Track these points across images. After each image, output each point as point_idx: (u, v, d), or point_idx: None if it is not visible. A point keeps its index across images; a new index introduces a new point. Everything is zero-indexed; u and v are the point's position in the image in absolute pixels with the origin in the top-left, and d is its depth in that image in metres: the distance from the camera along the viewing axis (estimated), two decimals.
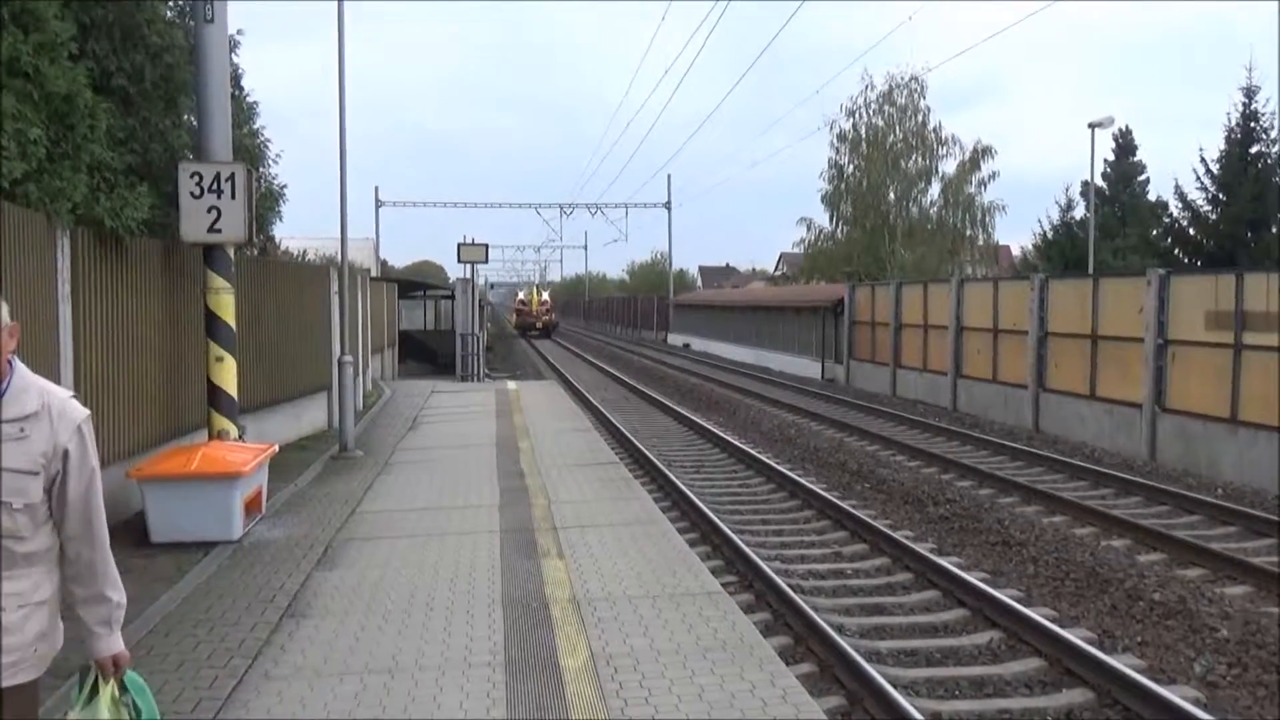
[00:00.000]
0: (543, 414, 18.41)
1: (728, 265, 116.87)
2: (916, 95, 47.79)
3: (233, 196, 10.03)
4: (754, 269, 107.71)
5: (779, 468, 15.93)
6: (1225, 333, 16.77)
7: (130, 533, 9.46)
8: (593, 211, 63.38)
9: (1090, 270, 29.22)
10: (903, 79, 47.74)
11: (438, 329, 45.40)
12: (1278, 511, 13.15)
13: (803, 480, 14.91)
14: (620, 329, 78.74)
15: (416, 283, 45.50)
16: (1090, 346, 20.37)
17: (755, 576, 9.68)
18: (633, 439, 18.33)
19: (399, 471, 12.78)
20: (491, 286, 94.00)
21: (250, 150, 12.77)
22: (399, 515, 10.10)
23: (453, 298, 35.79)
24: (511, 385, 24.88)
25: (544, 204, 64.22)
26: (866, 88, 48.71)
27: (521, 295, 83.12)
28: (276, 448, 10.61)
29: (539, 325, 73.54)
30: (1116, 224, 45.15)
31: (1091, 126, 28.12)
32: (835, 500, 13.47)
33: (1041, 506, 13.70)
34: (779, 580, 9.31)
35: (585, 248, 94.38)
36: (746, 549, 10.54)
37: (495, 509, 10.25)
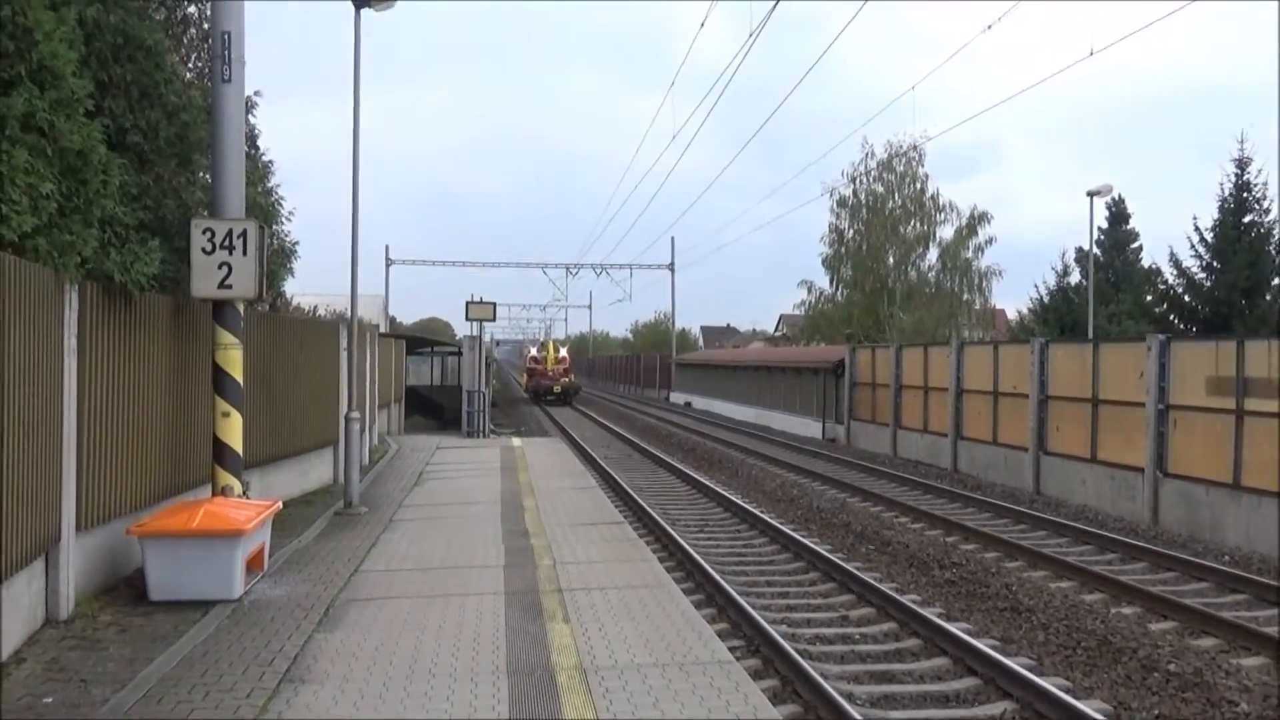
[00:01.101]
0: (547, 471, 18.10)
1: (729, 325, 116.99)
2: (915, 163, 48.02)
3: (244, 253, 9.84)
4: (755, 330, 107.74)
5: (783, 528, 15.61)
6: (1227, 398, 16.50)
7: (129, 590, 9.15)
8: (598, 272, 63.46)
9: (1089, 335, 29.01)
10: (902, 147, 47.99)
11: (443, 385, 45.25)
12: None
13: (806, 541, 14.58)
14: (624, 387, 78.48)
15: (424, 339, 45.38)
16: (1091, 410, 20.08)
17: (763, 641, 9.33)
18: (636, 497, 18.01)
19: (403, 529, 12.45)
20: (497, 344, 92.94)
21: (264, 208, 12.63)
22: (402, 574, 9.77)
23: (460, 354, 35.63)
24: (516, 442, 24.59)
25: (550, 264, 63.95)
26: (866, 155, 48.97)
27: (534, 351, 64.29)
28: (280, 504, 10.30)
29: (556, 389, 56.56)
30: (1110, 290, 45.05)
31: (1090, 195, 28.07)
32: (839, 562, 13.15)
33: (1048, 571, 13.35)
34: (787, 646, 8.96)
35: (590, 307, 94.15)
36: (754, 613, 10.20)
37: (500, 569, 9.92)
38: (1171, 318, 34.51)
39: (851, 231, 49.41)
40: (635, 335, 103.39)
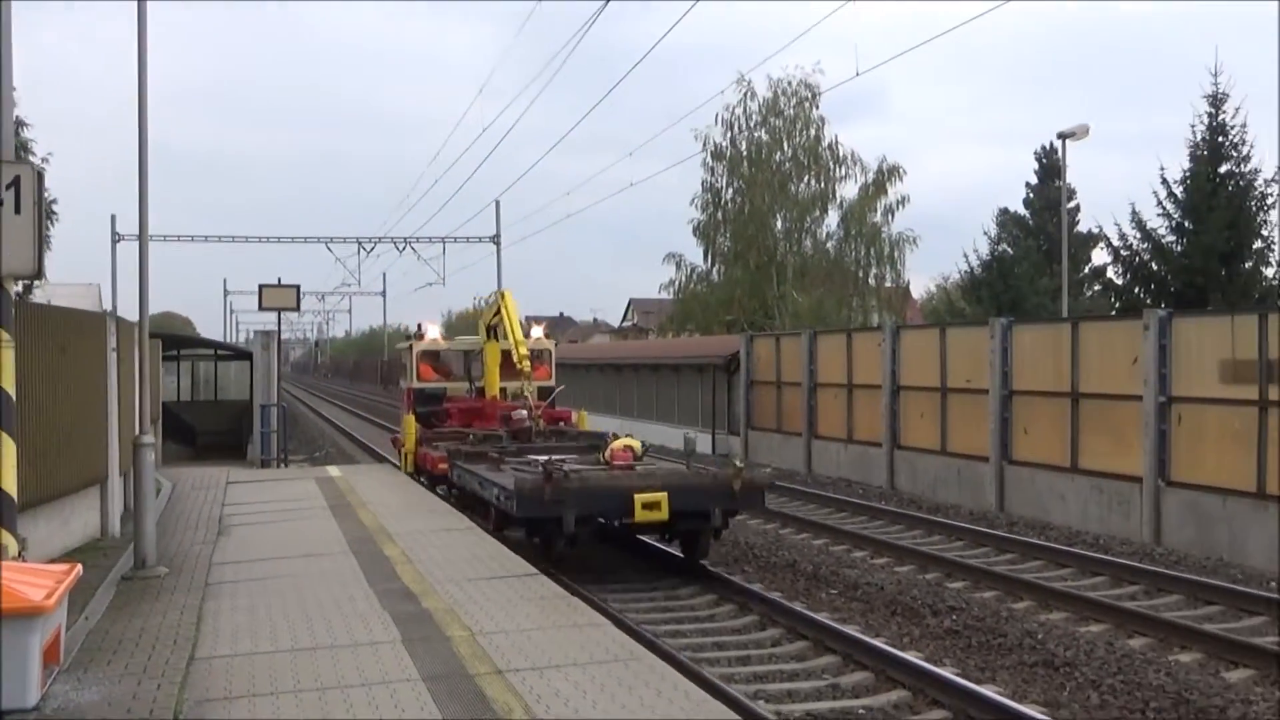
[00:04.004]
0: (396, 509, 17.26)
1: (562, 315, 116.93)
2: (808, 104, 48.55)
3: (16, 210, 8.75)
4: (595, 319, 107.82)
5: (716, 572, 15.36)
6: (1247, 387, 16.96)
7: None
8: (400, 248, 61.78)
9: (1064, 312, 29.77)
10: (790, 84, 48.47)
11: (195, 399, 43.65)
12: None
13: (752, 587, 14.41)
14: None
15: (176, 338, 43.38)
16: (1070, 407, 20.45)
17: None
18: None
19: (231, 596, 11.46)
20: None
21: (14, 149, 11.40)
22: (264, 662, 8.86)
23: (244, 357, 34.32)
24: (334, 471, 23.49)
25: (337, 238, 62.00)
26: (745, 95, 49.18)
27: (433, 335, 24.98)
28: (80, 569, 9.23)
29: (656, 512, 14.42)
30: (1043, 259, 46.68)
31: (1062, 137, 28.87)
32: (806, 612, 12.99)
33: (1070, 612, 13.46)
34: None
35: (384, 294, 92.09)
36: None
37: (398, 645, 9.16)
38: (1136, 290, 35.78)
39: (731, 191, 49.72)
40: (448, 329, 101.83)
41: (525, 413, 20.01)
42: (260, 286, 25.96)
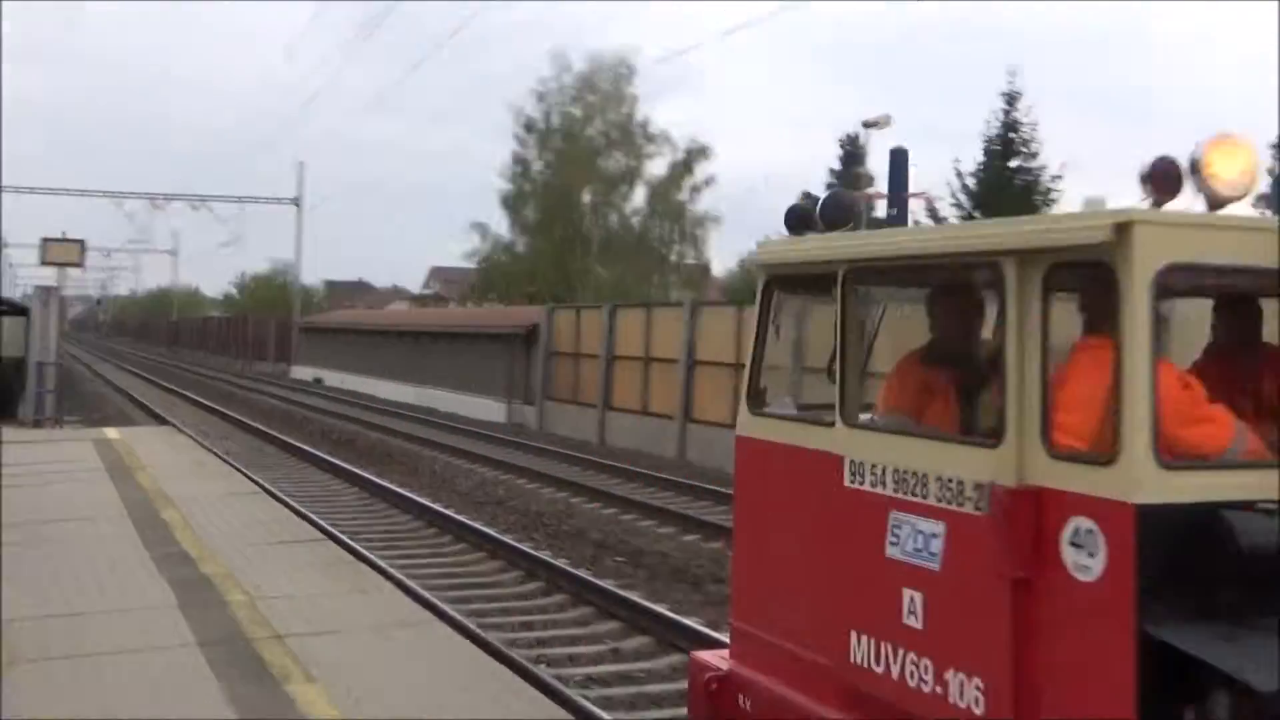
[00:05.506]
0: (178, 473, 16.90)
1: (361, 281, 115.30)
2: (624, 82, 48.79)
3: None
4: (395, 286, 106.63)
5: (504, 539, 15.45)
6: None
7: None
8: (196, 206, 60.10)
9: None
10: (608, 61, 48.63)
11: None
12: None
13: (539, 555, 14.52)
14: (225, 359, 75.09)
15: None
16: None
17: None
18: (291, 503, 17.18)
19: None
20: None
21: None
22: (32, 628, 8.60)
23: (19, 313, 32.76)
24: (113, 433, 22.75)
25: (126, 193, 59.80)
26: (561, 69, 49.14)
27: None
28: None
29: None
30: None
31: (867, 126, 29.61)
32: (591, 579, 13.17)
33: None
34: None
35: (174, 253, 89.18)
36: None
37: (174, 610, 9.05)
38: None
39: (540, 164, 49.67)
40: (242, 292, 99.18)
41: None
42: (43, 240, 25.03)
